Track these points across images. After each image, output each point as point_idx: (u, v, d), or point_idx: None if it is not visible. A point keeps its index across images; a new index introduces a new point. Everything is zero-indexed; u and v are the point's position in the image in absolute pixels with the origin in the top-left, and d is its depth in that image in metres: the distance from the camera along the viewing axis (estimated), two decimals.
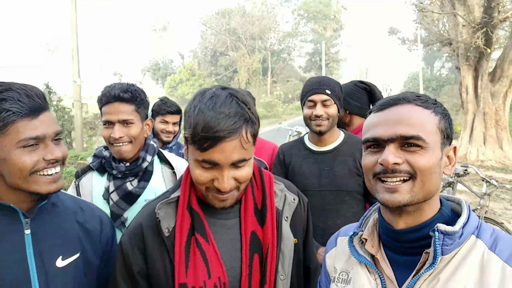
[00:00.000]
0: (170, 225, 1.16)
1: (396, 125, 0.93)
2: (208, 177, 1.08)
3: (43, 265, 1.17)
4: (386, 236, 1.01)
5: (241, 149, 1.05)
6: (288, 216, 1.25)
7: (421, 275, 0.90)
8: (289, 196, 1.28)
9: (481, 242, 0.90)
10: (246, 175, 1.12)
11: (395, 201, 0.91)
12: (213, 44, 38.36)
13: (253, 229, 1.19)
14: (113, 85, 1.72)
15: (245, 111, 1.07)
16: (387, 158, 0.91)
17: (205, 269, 1.13)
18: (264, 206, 1.21)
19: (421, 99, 0.97)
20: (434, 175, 0.92)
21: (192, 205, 1.19)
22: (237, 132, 1.04)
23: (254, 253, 1.17)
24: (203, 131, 1.02)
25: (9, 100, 1.05)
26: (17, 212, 1.15)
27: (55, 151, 1.11)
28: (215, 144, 1.02)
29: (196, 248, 1.14)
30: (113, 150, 1.72)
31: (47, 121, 1.11)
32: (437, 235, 0.88)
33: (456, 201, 1.01)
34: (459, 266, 0.89)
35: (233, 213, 1.21)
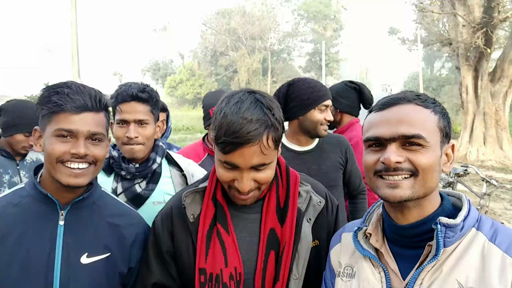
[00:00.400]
0: (196, 212, 1.25)
1: (398, 125, 0.95)
2: (230, 177, 1.15)
3: (68, 258, 1.22)
4: (390, 231, 1.04)
5: (260, 154, 1.10)
6: (311, 218, 1.27)
7: (424, 267, 0.93)
8: (315, 198, 1.30)
9: (481, 234, 0.94)
10: (266, 178, 1.17)
11: (397, 196, 0.94)
12: (213, 44, 38.36)
13: (273, 226, 1.23)
14: (129, 84, 1.70)
15: (268, 117, 1.11)
16: (389, 157, 0.93)
17: (222, 258, 1.19)
18: (286, 205, 1.25)
19: (421, 99, 0.99)
20: (434, 173, 0.96)
21: (217, 196, 1.26)
22: (257, 138, 1.07)
23: (271, 249, 1.21)
24: (225, 135, 1.07)
25: (61, 94, 1.17)
26: (55, 202, 1.24)
27: (81, 148, 1.18)
28: (236, 148, 1.08)
29: (217, 237, 1.21)
30: (125, 149, 1.69)
31: (87, 120, 1.19)
32: (440, 228, 0.92)
33: (456, 196, 1.05)
34: (461, 257, 0.92)
35: (256, 208, 1.26)
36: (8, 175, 2.48)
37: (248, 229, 1.25)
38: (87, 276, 1.24)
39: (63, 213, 1.24)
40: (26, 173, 2.54)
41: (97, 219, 1.31)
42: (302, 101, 2.04)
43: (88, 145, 1.20)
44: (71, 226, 1.25)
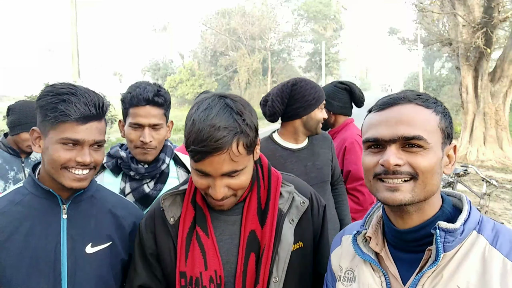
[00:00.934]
0: (176, 214, 1.25)
1: (398, 126, 0.92)
2: (204, 184, 1.14)
3: (74, 249, 1.28)
4: (390, 235, 1.02)
5: (230, 162, 1.08)
6: (293, 219, 1.24)
7: (424, 272, 0.91)
8: (298, 199, 1.27)
9: (482, 238, 0.91)
10: (241, 184, 1.15)
11: (396, 199, 0.91)
12: (213, 44, 38.32)
13: (253, 228, 1.21)
14: (143, 86, 1.67)
15: (238, 123, 1.08)
16: (388, 159, 0.91)
17: (202, 261, 1.18)
18: (267, 207, 1.23)
19: (422, 98, 0.96)
20: (435, 176, 0.93)
21: (196, 199, 1.25)
22: (225, 146, 1.05)
23: (251, 251, 1.19)
24: (194, 143, 1.06)
25: (68, 103, 1.20)
26: (57, 197, 1.29)
27: (86, 156, 1.23)
28: (204, 157, 1.06)
29: (196, 240, 1.20)
30: (137, 152, 1.69)
31: (92, 129, 1.24)
32: (439, 233, 0.89)
33: (457, 196, 1.01)
34: (462, 262, 0.89)
35: (237, 210, 1.24)
36: (14, 172, 2.58)
37: (228, 231, 1.23)
38: (92, 264, 1.30)
39: (65, 207, 1.30)
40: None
41: (96, 210, 1.37)
42: (308, 101, 2.12)
43: (91, 152, 1.25)
44: (73, 219, 1.31)
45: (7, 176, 2.54)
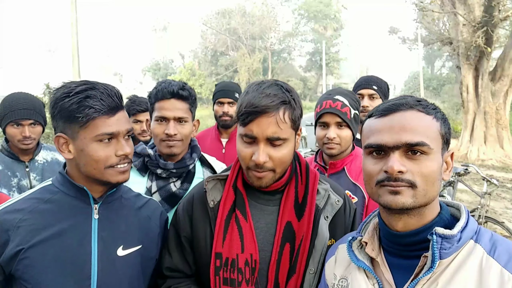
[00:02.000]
0: (216, 198, 1.29)
1: (401, 132, 0.93)
2: (248, 152, 1.19)
3: (105, 251, 1.25)
4: (386, 240, 1.01)
5: (276, 126, 1.15)
6: (328, 216, 1.29)
7: (419, 279, 0.90)
8: (333, 197, 1.32)
9: (479, 247, 0.91)
10: (281, 157, 1.19)
11: (399, 202, 0.91)
12: (213, 44, 38.33)
13: (289, 220, 1.26)
14: (168, 81, 1.71)
15: (286, 95, 1.18)
16: (392, 166, 0.91)
17: (239, 243, 1.22)
18: (304, 201, 1.28)
19: (422, 104, 0.97)
20: (436, 182, 0.93)
21: (237, 184, 1.30)
22: (273, 109, 1.15)
23: (286, 242, 1.23)
24: (245, 107, 1.16)
25: (93, 98, 1.17)
26: (89, 196, 1.26)
27: (126, 147, 1.22)
28: (253, 118, 1.15)
29: (235, 223, 1.25)
30: (163, 145, 1.69)
31: (121, 119, 1.23)
32: (435, 239, 0.88)
33: (455, 206, 1.01)
34: (458, 271, 0.89)
35: (274, 201, 1.29)
36: (17, 178, 2.32)
37: (265, 220, 1.27)
38: (124, 267, 1.27)
39: (97, 207, 1.27)
40: (38, 175, 2.37)
41: (127, 211, 1.34)
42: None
43: (126, 142, 1.24)
44: (105, 219, 1.27)
45: (10, 184, 2.29)
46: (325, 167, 1.98)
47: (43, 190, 1.27)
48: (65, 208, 1.24)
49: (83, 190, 1.24)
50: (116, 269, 1.25)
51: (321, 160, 2.03)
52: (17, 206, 1.22)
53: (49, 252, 1.18)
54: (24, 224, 1.18)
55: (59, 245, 1.19)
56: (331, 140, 1.87)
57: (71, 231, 1.21)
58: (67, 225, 1.21)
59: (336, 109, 1.86)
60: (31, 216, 1.20)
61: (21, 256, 1.16)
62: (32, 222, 1.19)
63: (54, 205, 1.23)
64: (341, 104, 1.87)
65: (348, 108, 1.87)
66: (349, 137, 1.90)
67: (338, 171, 1.94)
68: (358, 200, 1.85)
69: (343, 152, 1.92)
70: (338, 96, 1.90)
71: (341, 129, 1.88)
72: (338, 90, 1.99)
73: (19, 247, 1.16)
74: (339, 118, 1.86)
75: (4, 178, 2.29)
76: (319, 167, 2.00)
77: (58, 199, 1.24)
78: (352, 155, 1.96)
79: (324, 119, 1.89)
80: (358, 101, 1.98)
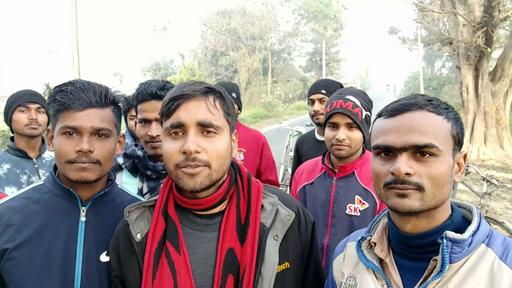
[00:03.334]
0: (144, 230, 1.10)
1: (409, 133, 0.91)
2: (176, 147, 1.02)
3: (90, 254, 1.22)
4: (396, 241, 1.00)
5: (207, 111, 1.03)
6: (278, 235, 1.09)
7: (428, 283, 0.89)
8: (283, 212, 1.13)
9: (491, 251, 0.89)
10: (217, 148, 1.03)
11: (406, 205, 0.90)
12: (213, 44, 38.30)
13: (231, 246, 1.07)
14: (149, 82, 1.70)
15: (215, 88, 1.09)
16: (399, 168, 0.89)
17: (172, 281, 1.03)
18: (247, 221, 1.09)
19: (433, 104, 0.94)
20: (446, 184, 0.91)
21: (168, 210, 1.11)
22: (202, 93, 1.05)
23: (229, 273, 1.04)
24: (170, 96, 1.05)
25: (64, 92, 1.18)
26: (76, 198, 1.24)
27: (83, 144, 1.17)
28: (180, 103, 1.03)
29: (165, 257, 1.06)
30: (148, 147, 1.69)
31: (90, 115, 1.18)
32: (446, 243, 0.87)
33: (467, 208, 0.99)
34: (468, 275, 0.87)
35: (213, 225, 1.10)
36: (26, 175, 2.38)
37: (203, 250, 1.08)
38: (106, 274, 1.23)
39: (84, 210, 1.25)
40: (47, 171, 2.43)
41: (116, 216, 1.27)
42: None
43: (93, 141, 1.19)
44: (92, 222, 1.25)
45: (19, 181, 2.34)
46: (334, 170, 1.91)
47: (34, 190, 1.27)
48: (53, 209, 1.23)
49: (70, 191, 1.23)
50: (100, 275, 1.22)
51: (328, 162, 1.95)
52: (10, 204, 1.22)
53: (34, 253, 1.17)
54: (11, 223, 1.18)
55: (44, 246, 1.18)
56: (341, 142, 1.80)
57: (58, 233, 1.20)
58: (54, 227, 1.20)
59: (347, 109, 1.79)
60: (20, 215, 1.20)
61: (7, 256, 1.16)
62: (20, 222, 1.19)
63: (42, 206, 1.22)
64: (352, 105, 1.80)
65: (359, 108, 1.81)
66: (360, 139, 1.84)
67: (347, 175, 1.87)
68: (369, 206, 1.79)
69: (352, 154, 1.86)
70: (350, 96, 1.83)
71: (351, 131, 1.81)
72: (349, 90, 1.92)
73: (5, 246, 1.16)
74: (349, 119, 1.79)
75: (13, 176, 2.34)
76: (327, 170, 1.93)
77: (47, 200, 1.24)
78: (363, 158, 1.90)
79: (334, 120, 1.83)
80: (370, 101, 1.91)
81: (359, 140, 1.84)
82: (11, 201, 1.24)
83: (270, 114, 26.69)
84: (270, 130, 17.13)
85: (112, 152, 1.25)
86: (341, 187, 1.87)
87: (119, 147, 1.33)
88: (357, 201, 1.83)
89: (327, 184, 1.91)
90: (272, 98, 29.55)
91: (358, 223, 1.79)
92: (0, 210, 1.21)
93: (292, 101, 35.35)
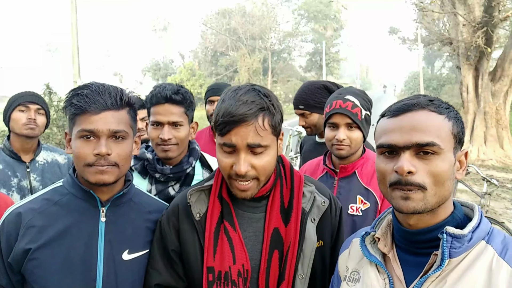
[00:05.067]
0: (202, 210, 1.25)
1: (411, 132, 0.94)
2: (229, 162, 1.16)
3: (111, 254, 1.25)
4: (399, 236, 1.03)
5: (255, 134, 1.12)
6: (315, 218, 1.27)
7: (428, 276, 0.92)
8: (319, 199, 1.30)
9: (490, 248, 0.91)
10: (264, 165, 1.16)
11: (410, 207, 0.93)
12: (213, 44, 38.30)
13: (277, 226, 1.23)
14: (163, 85, 1.71)
15: (264, 101, 1.15)
16: (402, 166, 0.92)
17: (231, 255, 1.20)
18: (290, 205, 1.25)
19: (435, 104, 0.97)
20: (448, 181, 0.94)
21: (223, 194, 1.26)
22: (251, 117, 1.11)
23: (275, 249, 1.22)
24: (222, 116, 1.13)
25: (80, 96, 1.19)
26: (96, 199, 1.26)
27: (101, 147, 1.18)
28: (231, 128, 1.12)
29: (224, 234, 1.21)
30: (159, 150, 1.70)
31: (106, 118, 1.19)
32: (445, 238, 0.90)
33: (470, 206, 1.02)
34: (467, 270, 0.89)
35: (260, 208, 1.26)
36: (17, 178, 2.32)
37: (252, 228, 1.25)
38: (129, 271, 1.27)
39: (104, 210, 1.27)
40: (38, 176, 2.38)
41: (135, 215, 1.33)
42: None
43: (110, 144, 1.20)
44: (112, 222, 1.28)
45: (9, 184, 2.27)
46: (335, 171, 1.92)
47: (54, 192, 1.29)
48: (74, 210, 1.25)
49: (90, 192, 1.25)
50: (121, 273, 1.25)
51: (330, 163, 1.96)
52: (30, 206, 1.24)
53: (56, 253, 1.19)
54: (33, 224, 1.20)
55: (66, 247, 1.20)
56: (341, 142, 1.81)
57: (79, 234, 1.23)
58: (75, 228, 1.23)
59: (347, 109, 1.80)
60: (41, 217, 1.22)
61: (29, 256, 1.18)
62: (41, 223, 1.21)
63: (63, 207, 1.25)
64: (352, 105, 1.81)
65: (359, 108, 1.82)
66: (360, 139, 1.85)
67: (348, 175, 1.89)
68: (371, 205, 1.80)
69: (353, 154, 1.87)
70: (349, 96, 1.84)
71: (351, 131, 1.83)
72: (349, 90, 1.93)
73: (27, 246, 1.18)
74: (349, 119, 1.81)
75: (3, 178, 2.28)
76: (329, 170, 1.94)
77: (67, 201, 1.26)
78: (363, 158, 1.91)
79: (333, 120, 1.84)
80: (370, 101, 1.92)
81: (359, 140, 1.85)
82: (31, 202, 1.26)
83: None
84: None
85: (129, 153, 1.27)
86: (342, 187, 1.89)
87: (135, 147, 1.35)
88: (359, 201, 1.84)
89: (329, 184, 1.92)
90: None
91: (360, 222, 1.80)
92: (21, 211, 1.23)
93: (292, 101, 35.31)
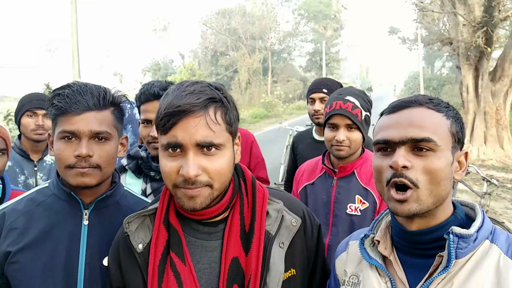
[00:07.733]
0: (145, 240, 1.06)
1: (408, 128, 0.93)
2: (174, 167, 0.96)
3: (91, 258, 1.21)
4: (399, 238, 1.01)
5: (207, 129, 0.94)
6: (284, 242, 1.06)
7: (434, 279, 0.89)
8: (288, 218, 1.08)
9: (496, 247, 0.90)
10: (218, 168, 0.97)
11: (405, 210, 0.91)
12: (213, 44, 38.27)
13: (236, 255, 1.03)
14: (151, 83, 1.69)
15: (215, 92, 0.98)
16: (397, 161, 0.91)
17: None
18: (251, 229, 1.05)
19: (433, 102, 0.96)
20: (445, 181, 0.91)
21: (170, 219, 1.07)
22: (201, 108, 0.94)
23: (234, 283, 1.02)
24: (166, 109, 0.95)
25: (61, 96, 1.15)
26: (79, 201, 1.22)
27: (81, 148, 1.14)
28: (177, 121, 0.94)
29: (170, 269, 1.02)
30: (150, 148, 1.69)
31: (88, 119, 1.15)
32: (452, 238, 0.88)
33: (470, 205, 1.01)
34: (474, 271, 0.87)
35: (216, 234, 1.06)
36: (24, 176, 2.41)
37: (207, 259, 1.04)
38: (105, 279, 1.20)
39: (87, 213, 1.23)
40: (44, 175, 2.47)
41: (120, 220, 1.22)
42: None
43: (92, 145, 1.16)
44: (95, 226, 1.24)
45: (16, 180, 2.37)
46: (334, 170, 1.92)
47: (38, 192, 1.26)
48: (56, 212, 1.22)
49: (72, 194, 1.22)
50: (104, 279, 1.20)
51: (329, 162, 1.97)
52: (15, 206, 1.22)
53: (37, 257, 1.16)
54: (15, 226, 1.18)
55: (47, 250, 1.17)
56: (340, 143, 1.81)
57: (61, 236, 1.19)
58: (57, 230, 1.19)
59: (347, 110, 1.79)
60: (23, 218, 1.19)
61: (10, 259, 1.15)
62: (23, 225, 1.18)
63: (45, 209, 1.21)
64: (352, 106, 1.80)
65: (359, 109, 1.81)
66: (359, 140, 1.85)
67: (347, 175, 1.89)
68: (369, 205, 1.81)
69: (352, 154, 1.87)
70: (349, 96, 1.83)
71: (351, 131, 1.82)
72: (349, 90, 1.92)
73: (8, 249, 1.15)
74: (349, 120, 1.80)
75: (11, 174, 2.36)
76: (327, 170, 1.95)
77: (50, 203, 1.22)
78: (362, 158, 1.91)
79: (333, 121, 1.83)
80: (370, 101, 1.92)
81: (359, 141, 1.86)
82: (16, 203, 1.24)
83: (270, 114, 26.70)
84: (270, 130, 17.14)
85: (112, 155, 1.21)
86: (341, 187, 1.89)
87: (122, 149, 1.30)
88: (357, 200, 1.84)
89: (328, 184, 1.93)
90: (272, 98, 29.57)
91: (358, 222, 1.80)
92: (5, 211, 1.21)
93: (292, 101, 35.36)
